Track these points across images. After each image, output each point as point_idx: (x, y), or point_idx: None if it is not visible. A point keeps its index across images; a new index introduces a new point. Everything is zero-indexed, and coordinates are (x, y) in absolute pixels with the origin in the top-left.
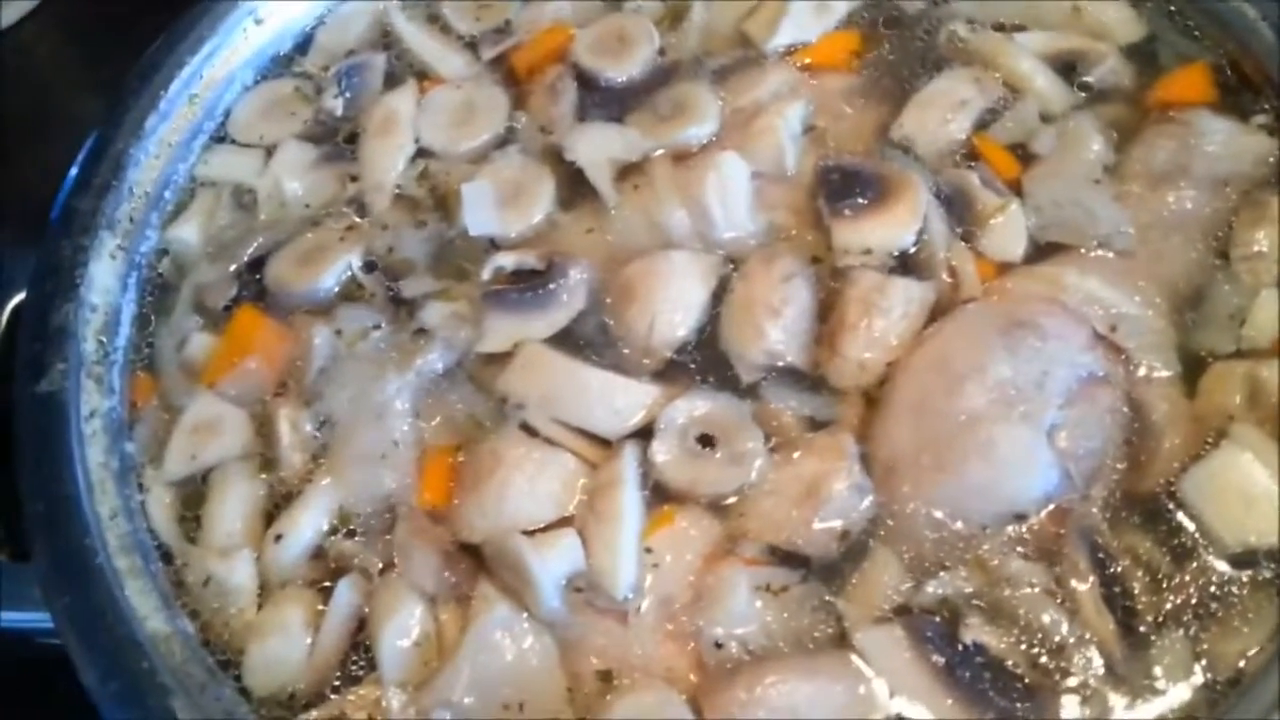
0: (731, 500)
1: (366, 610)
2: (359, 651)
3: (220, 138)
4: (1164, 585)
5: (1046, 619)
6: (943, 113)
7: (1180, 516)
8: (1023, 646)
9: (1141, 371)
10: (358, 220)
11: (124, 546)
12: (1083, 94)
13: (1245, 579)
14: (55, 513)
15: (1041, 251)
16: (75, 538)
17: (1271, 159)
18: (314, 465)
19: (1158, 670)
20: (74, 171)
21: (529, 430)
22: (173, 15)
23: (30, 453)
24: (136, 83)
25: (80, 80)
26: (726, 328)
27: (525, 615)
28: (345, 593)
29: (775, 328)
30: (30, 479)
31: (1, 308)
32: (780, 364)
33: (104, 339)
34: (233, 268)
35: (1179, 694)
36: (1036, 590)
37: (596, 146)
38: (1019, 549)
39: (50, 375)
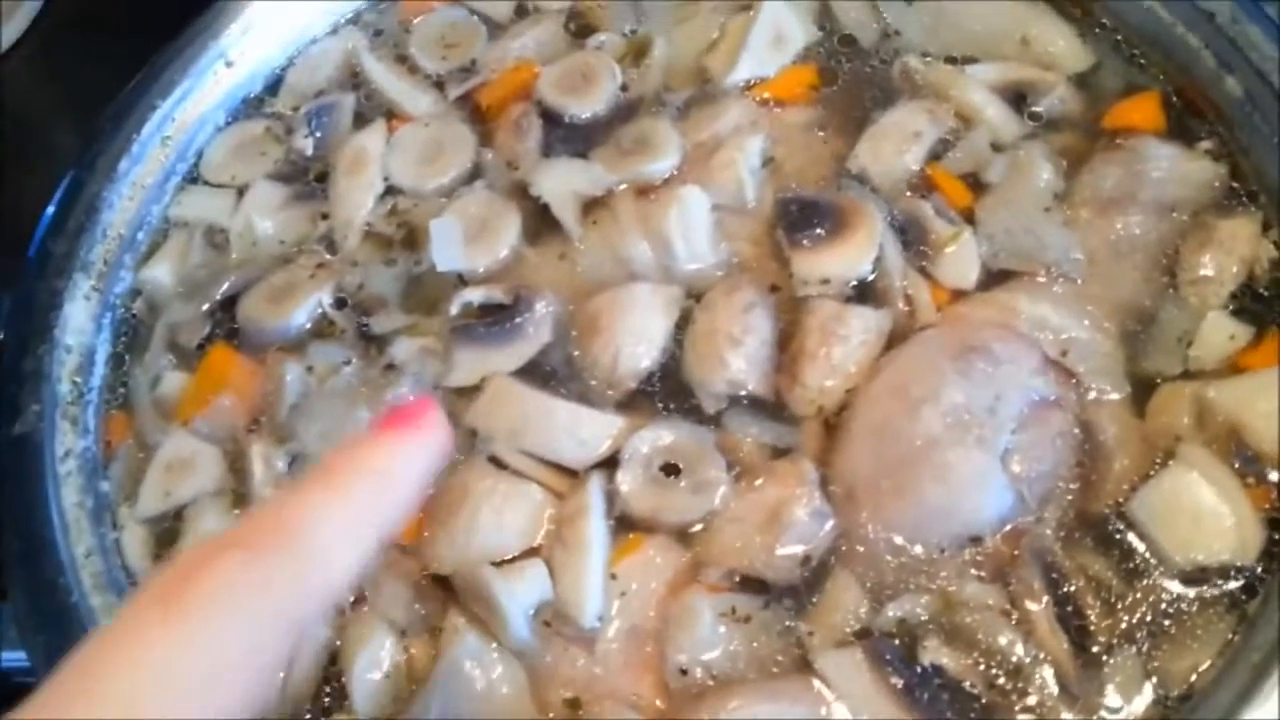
0: (696, 528)
1: (338, 643)
2: (331, 684)
3: (192, 179)
4: (1116, 604)
5: (1002, 640)
6: (897, 144)
7: (1131, 536)
8: (980, 667)
9: (1092, 394)
10: (328, 257)
11: (99, 585)
12: (1032, 123)
13: (1194, 596)
14: (30, 553)
15: (994, 278)
16: (50, 577)
17: (1217, 183)
18: None
19: (1110, 688)
20: (48, 215)
21: (497, 462)
22: (156, 47)
23: (5, 494)
24: (109, 125)
25: (62, 115)
26: (689, 358)
27: (494, 645)
28: (316, 626)
29: (737, 357)
30: (6, 520)
31: None
32: (742, 393)
33: (78, 379)
34: (205, 306)
35: (1131, 710)
36: (992, 611)
37: (561, 181)
38: (975, 571)
39: (25, 417)
